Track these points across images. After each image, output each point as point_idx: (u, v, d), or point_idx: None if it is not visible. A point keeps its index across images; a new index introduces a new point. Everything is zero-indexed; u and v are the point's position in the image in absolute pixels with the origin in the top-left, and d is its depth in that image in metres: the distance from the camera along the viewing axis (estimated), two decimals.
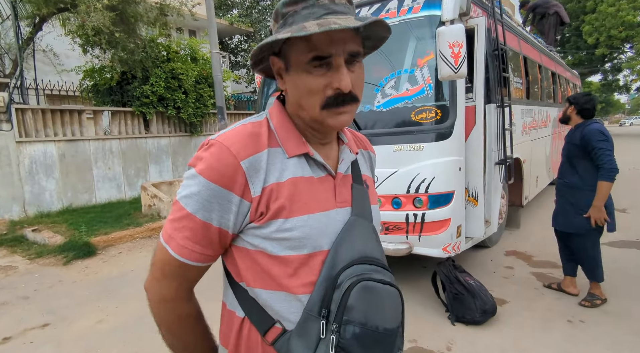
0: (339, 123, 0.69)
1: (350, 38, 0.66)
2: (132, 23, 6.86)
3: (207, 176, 0.65)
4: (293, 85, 0.70)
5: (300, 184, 0.70)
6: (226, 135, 0.68)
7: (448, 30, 2.52)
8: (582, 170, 2.82)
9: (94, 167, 7.05)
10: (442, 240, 2.89)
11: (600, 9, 19.14)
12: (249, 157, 0.66)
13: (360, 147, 0.90)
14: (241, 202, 0.66)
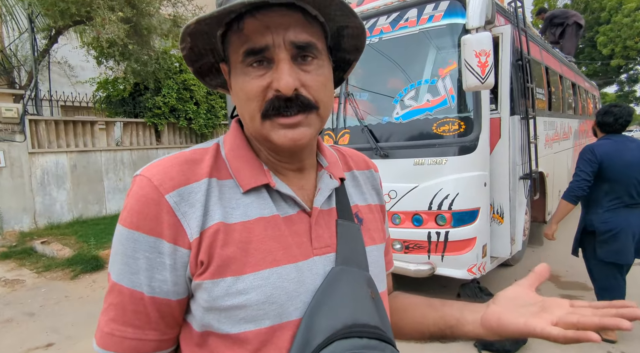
0: (287, 139, 0.51)
1: (297, 24, 0.50)
2: (145, 35, 6.90)
3: (127, 224, 0.49)
4: (234, 94, 0.55)
5: (258, 227, 0.51)
6: (152, 166, 0.53)
7: (474, 39, 2.39)
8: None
9: (104, 178, 7.03)
10: (467, 261, 2.71)
11: (615, 20, 18.88)
12: (177, 189, 0.50)
13: (352, 169, 0.69)
14: (175, 250, 0.49)
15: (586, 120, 7.04)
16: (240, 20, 0.50)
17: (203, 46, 0.55)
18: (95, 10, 5.98)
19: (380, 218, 0.69)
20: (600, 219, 2.50)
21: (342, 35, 0.58)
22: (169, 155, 0.55)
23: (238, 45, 0.51)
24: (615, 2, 19.30)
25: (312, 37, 0.51)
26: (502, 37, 2.92)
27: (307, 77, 0.51)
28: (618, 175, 2.40)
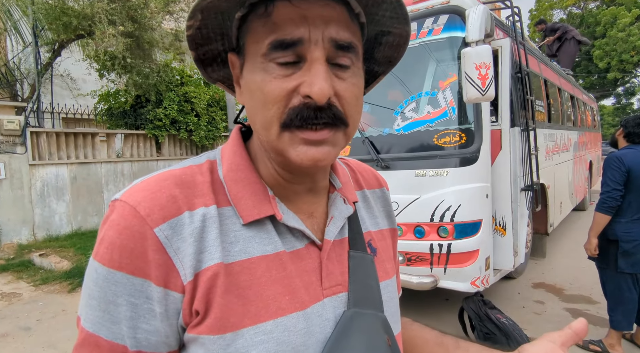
0: (307, 158, 0.42)
1: (340, 19, 0.42)
2: (147, 48, 6.99)
3: (106, 261, 0.40)
4: (247, 92, 0.45)
5: (260, 267, 0.44)
6: (135, 188, 0.43)
7: (474, 52, 2.41)
8: None
9: (104, 190, 7.01)
10: (470, 273, 2.68)
11: (611, 34, 19.18)
12: (168, 220, 0.41)
13: (363, 187, 0.61)
14: (166, 295, 0.41)
15: (585, 132, 7.07)
16: (269, 3, 0.41)
17: (214, 28, 0.45)
18: (96, 25, 6.06)
19: (392, 245, 0.62)
20: (623, 229, 2.47)
21: (379, 42, 0.50)
22: (155, 175, 0.45)
23: (263, 34, 0.41)
24: (609, 17, 19.64)
25: (355, 37, 0.43)
26: (502, 50, 2.95)
27: (342, 85, 0.42)
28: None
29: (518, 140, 3.31)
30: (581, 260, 4.46)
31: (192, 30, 0.44)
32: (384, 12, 0.45)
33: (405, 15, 0.45)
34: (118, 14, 6.22)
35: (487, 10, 2.59)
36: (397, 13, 0.45)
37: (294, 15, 0.40)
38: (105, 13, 6.06)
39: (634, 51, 18.56)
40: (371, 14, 0.45)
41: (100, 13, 6.02)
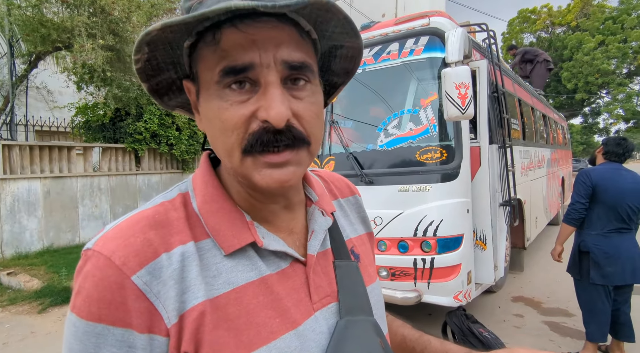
0: (273, 181, 0.42)
1: (290, 40, 0.41)
2: (128, 62, 6.92)
3: (85, 314, 0.39)
4: (206, 120, 0.44)
5: (247, 295, 0.44)
6: (107, 237, 0.42)
7: (454, 72, 2.51)
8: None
9: (79, 205, 6.77)
10: (453, 288, 2.72)
11: (577, 57, 20.33)
12: (146, 266, 0.40)
13: (338, 197, 0.63)
14: (151, 340, 0.40)
15: (557, 150, 7.39)
16: (217, 31, 0.40)
17: (163, 59, 0.45)
18: (75, 37, 5.98)
19: (371, 248, 0.64)
20: (594, 241, 2.57)
21: (334, 55, 0.51)
22: (126, 219, 0.44)
23: (213, 62, 0.41)
24: (575, 42, 20.84)
25: (307, 56, 0.43)
26: (479, 71, 3.08)
27: (299, 105, 0.42)
28: (611, 199, 2.51)
29: (496, 156, 3.43)
30: (557, 273, 4.60)
31: (140, 63, 0.43)
32: (334, 28, 0.45)
33: (355, 30, 0.45)
34: (99, 28, 6.16)
35: (465, 32, 2.72)
36: (347, 28, 0.45)
37: (242, 40, 0.40)
38: (85, 26, 5.99)
39: (598, 74, 19.70)
40: (321, 30, 0.46)
41: (80, 26, 5.94)
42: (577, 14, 22.17)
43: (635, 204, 2.49)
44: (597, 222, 2.58)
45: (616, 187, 2.51)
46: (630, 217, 2.50)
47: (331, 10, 0.41)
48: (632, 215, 2.50)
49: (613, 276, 2.50)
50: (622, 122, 22.60)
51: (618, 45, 19.53)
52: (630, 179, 2.53)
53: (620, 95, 20.46)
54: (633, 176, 2.55)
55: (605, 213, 2.55)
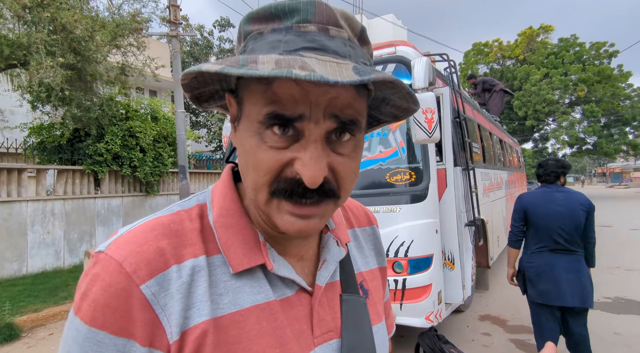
0: (293, 229, 0.41)
1: (344, 97, 0.39)
2: (89, 81, 6.69)
3: (88, 319, 0.38)
4: (241, 147, 0.43)
5: (250, 319, 0.43)
6: (121, 241, 0.42)
7: (421, 98, 2.64)
8: None
9: (29, 232, 6.26)
10: (425, 308, 2.74)
11: (526, 88, 22.05)
12: (156, 276, 0.40)
13: (354, 226, 0.61)
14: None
15: (513, 172, 7.84)
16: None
17: (211, 76, 0.44)
18: (32, 55, 5.72)
19: (382, 284, 0.62)
20: (527, 260, 2.63)
21: (386, 103, 0.49)
22: (142, 224, 0.44)
23: (261, 101, 0.39)
24: (523, 73, 22.67)
25: (359, 113, 0.41)
26: (443, 97, 3.26)
27: (339, 161, 0.41)
28: (540, 221, 2.55)
29: (460, 178, 3.59)
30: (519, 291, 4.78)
31: (187, 80, 0.43)
32: (393, 94, 0.45)
33: (414, 99, 0.44)
34: (59, 45, 5.94)
35: (429, 61, 2.88)
36: (407, 98, 0.44)
37: (296, 91, 0.38)
38: (44, 43, 5.76)
39: (545, 103, 21.42)
40: (381, 90, 0.45)
41: (38, 43, 5.70)
42: (523, 48, 24.23)
43: (566, 226, 2.47)
44: (531, 242, 2.64)
45: (545, 210, 2.54)
46: (566, 238, 2.48)
47: (395, 86, 0.41)
48: (567, 237, 2.48)
49: (548, 295, 2.49)
50: (568, 147, 24.51)
51: (560, 78, 21.44)
52: (561, 201, 2.52)
53: (564, 122, 22.28)
54: (566, 198, 2.52)
55: (537, 234, 2.60)
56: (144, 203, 8.30)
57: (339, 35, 0.41)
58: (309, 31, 0.40)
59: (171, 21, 7.31)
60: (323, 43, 0.39)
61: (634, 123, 22.14)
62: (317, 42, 0.39)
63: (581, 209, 2.47)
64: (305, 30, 0.40)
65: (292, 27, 0.40)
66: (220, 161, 12.35)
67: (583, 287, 2.43)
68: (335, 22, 0.41)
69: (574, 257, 2.49)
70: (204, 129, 16.71)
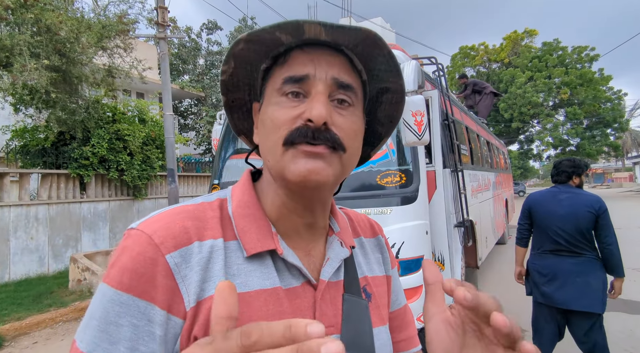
0: (304, 169, 0.45)
1: (342, 66, 0.49)
2: (75, 83, 6.57)
3: (115, 283, 0.42)
4: (261, 126, 0.51)
5: (258, 301, 0.46)
6: (151, 220, 0.47)
7: (410, 101, 2.66)
8: None
9: (11, 237, 6.10)
10: (416, 309, 2.75)
11: (511, 90, 22.48)
12: (180, 249, 0.44)
13: (360, 235, 0.64)
14: (168, 319, 0.42)
15: (500, 174, 7.97)
16: (287, 54, 0.50)
17: (243, 78, 0.54)
18: (15, 57, 5.60)
19: (387, 291, 0.64)
20: (532, 260, 2.64)
21: (380, 101, 0.56)
22: (169, 209, 0.49)
23: (279, 74, 0.49)
24: (509, 76, 23.11)
25: (355, 83, 0.50)
26: (432, 100, 3.30)
27: (340, 118, 0.48)
28: (541, 222, 2.56)
29: (449, 180, 3.63)
30: (507, 291, 4.85)
31: (226, 75, 0.53)
32: (380, 65, 0.51)
33: (397, 68, 0.52)
34: (43, 47, 5.82)
35: (418, 64, 2.92)
36: (390, 65, 0.51)
37: (304, 58, 0.48)
38: (27, 45, 5.64)
39: (530, 105, 21.86)
40: (370, 69, 0.52)
41: (21, 45, 5.58)
42: (509, 52, 24.72)
43: (566, 228, 2.42)
44: (536, 243, 2.64)
45: (545, 210, 2.54)
46: (567, 239, 2.43)
47: (378, 45, 0.48)
48: (569, 238, 2.42)
49: (551, 297, 2.45)
50: (552, 148, 25.05)
51: (544, 81, 21.92)
52: (564, 202, 2.48)
53: (549, 124, 22.76)
54: (570, 199, 2.47)
55: (539, 235, 2.60)
56: (131, 208, 8.17)
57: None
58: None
59: (159, 23, 7.24)
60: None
61: (614, 125, 22.76)
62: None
63: (586, 211, 2.37)
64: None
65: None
66: (209, 164, 12.25)
67: (591, 291, 2.34)
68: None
69: (579, 260, 2.41)
70: (193, 132, 16.56)
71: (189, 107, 17.15)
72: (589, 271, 2.38)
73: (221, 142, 4.05)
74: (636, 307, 4.12)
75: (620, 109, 23.13)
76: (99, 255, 5.99)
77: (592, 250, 2.42)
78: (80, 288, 5.27)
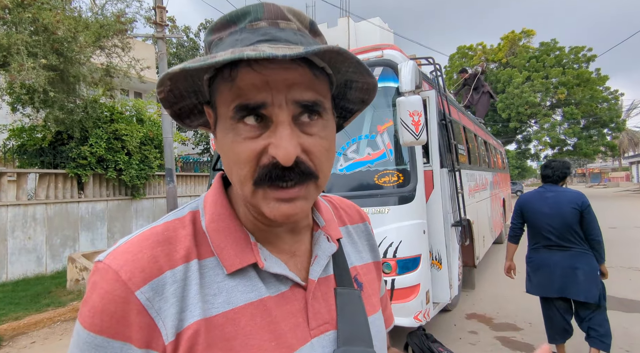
0: (280, 214, 0.44)
1: (302, 79, 0.42)
2: (72, 83, 6.55)
3: (87, 325, 0.41)
4: (221, 149, 0.47)
5: (244, 317, 0.45)
6: (119, 250, 0.44)
7: (408, 101, 2.68)
8: None
9: (9, 237, 6.09)
10: (413, 308, 2.78)
11: (509, 90, 22.54)
12: (150, 282, 0.42)
13: (346, 223, 0.63)
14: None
15: (498, 173, 8.00)
16: (233, 68, 0.42)
17: (185, 88, 0.47)
18: (12, 56, 5.58)
19: (377, 277, 0.64)
20: (528, 255, 2.86)
21: (349, 86, 0.52)
22: (138, 234, 0.46)
23: (228, 98, 0.43)
24: (506, 77, 23.16)
25: (319, 94, 0.44)
26: (429, 100, 3.31)
27: (309, 141, 0.44)
28: (532, 220, 2.79)
29: (446, 179, 3.65)
30: (504, 289, 4.88)
31: (163, 93, 0.46)
32: (347, 68, 0.47)
33: (367, 71, 0.47)
34: (41, 47, 5.81)
35: (415, 65, 2.93)
36: (360, 69, 0.47)
37: (256, 80, 0.41)
38: (25, 45, 5.62)
39: (527, 105, 21.92)
40: (335, 67, 0.47)
41: (19, 44, 5.57)
42: (506, 52, 24.77)
43: (554, 224, 2.63)
44: (530, 240, 2.87)
45: (534, 209, 2.76)
46: (556, 235, 2.64)
47: (343, 55, 0.42)
48: (558, 233, 2.63)
49: (542, 287, 2.71)
50: (549, 148, 25.12)
51: (541, 81, 21.98)
52: (551, 201, 2.68)
53: (546, 124, 22.83)
54: (555, 197, 2.67)
55: (532, 231, 2.84)
56: (129, 207, 8.17)
57: (289, 26, 0.45)
58: (260, 27, 0.44)
59: (157, 23, 7.23)
60: (274, 34, 0.43)
61: (611, 125, 22.86)
62: (269, 34, 0.43)
63: (571, 207, 2.58)
64: (257, 27, 0.44)
65: (245, 27, 0.44)
66: (208, 164, 12.24)
67: (583, 281, 2.55)
68: (283, 16, 0.45)
69: (569, 253, 2.62)
70: (191, 132, 16.54)
71: None
72: (577, 263, 2.59)
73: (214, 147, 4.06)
74: (631, 305, 4.16)
75: (617, 109, 23.23)
76: (97, 254, 5.97)
77: (582, 243, 2.62)
78: (78, 288, 5.27)
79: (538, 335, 3.24)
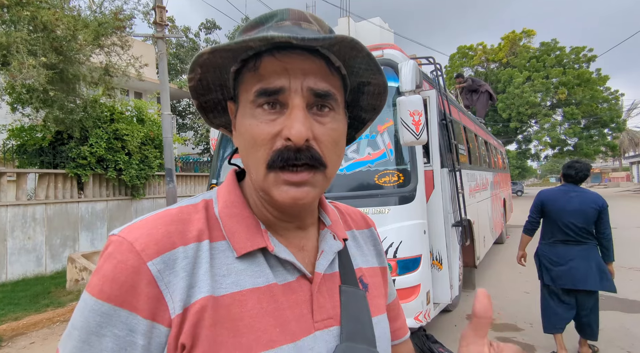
0: (289, 197, 0.46)
1: (318, 71, 0.46)
2: (72, 82, 6.54)
3: (96, 293, 0.42)
4: (240, 135, 0.49)
5: (251, 300, 0.45)
6: (133, 226, 0.46)
7: (408, 100, 2.67)
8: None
9: (9, 238, 6.08)
10: (414, 308, 2.77)
11: (509, 90, 22.52)
12: (161, 255, 0.43)
13: (352, 228, 0.64)
14: (152, 328, 0.42)
15: (498, 173, 7.99)
16: (257, 59, 0.46)
17: (213, 80, 0.51)
18: (13, 55, 5.57)
19: (383, 282, 0.64)
20: (543, 249, 3.02)
21: (361, 91, 0.55)
22: (153, 214, 0.48)
23: (251, 84, 0.47)
24: (507, 77, 23.15)
25: (333, 87, 0.47)
26: (429, 100, 3.30)
27: (320, 129, 0.46)
28: (553, 216, 2.93)
29: (447, 179, 3.64)
30: (505, 290, 4.87)
31: (193, 82, 0.50)
32: (360, 64, 0.50)
33: (378, 67, 0.50)
34: (40, 45, 5.80)
35: (416, 64, 2.92)
36: (371, 65, 0.50)
37: (277, 67, 0.45)
38: (24, 43, 5.61)
39: (527, 105, 21.91)
40: (350, 66, 0.51)
41: (18, 43, 5.55)
42: (507, 52, 24.76)
43: (578, 223, 2.83)
44: (546, 234, 3.03)
45: (558, 206, 2.91)
46: (575, 232, 2.84)
47: (356, 48, 0.46)
48: (577, 230, 2.84)
49: (559, 279, 2.87)
50: (550, 148, 25.10)
51: (542, 81, 21.97)
52: (576, 200, 2.86)
53: (546, 124, 22.82)
54: (581, 198, 2.85)
55: (550, 227, 2.99)
56: (129, 207, 8.16)
57: (310, 27, 0.49)
58: (285, 25, 0.48)
59: (157, 23, 7.22)
60: (297, 31, 0.47)
61: (612, 125, 22.84)
62: (293, 31, 0.46)
63: (592, 207, 2.81)
64: (282, 25, 0.48)
65: (272, 25, 0.49)
66: (208, 164, 12.23)
67: (597, 272, 2.78)
68: (306, 19, 0.50)
69: (584, 247, 2.85)
70: (191, 132, 16.54)
71: (187, 107, 17.12)
72: (590, 256, 2.83)
73: (219, 141, 4.05)
74: (632, 305, 4.14)
75: (618, 109, 23.22)
76: (97, 255, 5.97)
77: (593, 239, 2.88)
78: (78, 288, 5.26)
79: (539, 336, 3.23)
